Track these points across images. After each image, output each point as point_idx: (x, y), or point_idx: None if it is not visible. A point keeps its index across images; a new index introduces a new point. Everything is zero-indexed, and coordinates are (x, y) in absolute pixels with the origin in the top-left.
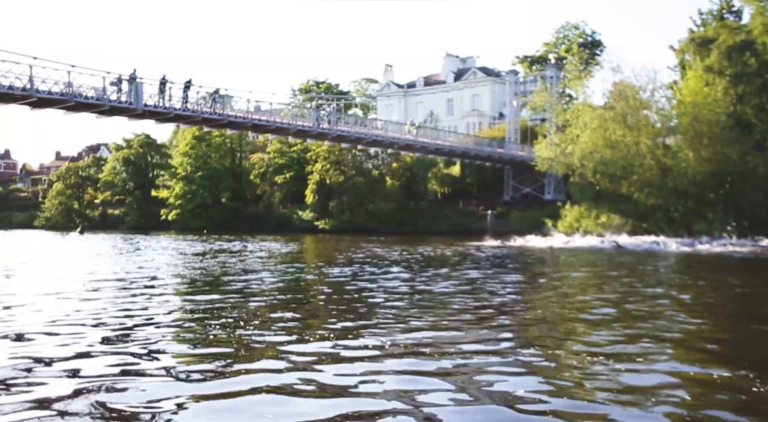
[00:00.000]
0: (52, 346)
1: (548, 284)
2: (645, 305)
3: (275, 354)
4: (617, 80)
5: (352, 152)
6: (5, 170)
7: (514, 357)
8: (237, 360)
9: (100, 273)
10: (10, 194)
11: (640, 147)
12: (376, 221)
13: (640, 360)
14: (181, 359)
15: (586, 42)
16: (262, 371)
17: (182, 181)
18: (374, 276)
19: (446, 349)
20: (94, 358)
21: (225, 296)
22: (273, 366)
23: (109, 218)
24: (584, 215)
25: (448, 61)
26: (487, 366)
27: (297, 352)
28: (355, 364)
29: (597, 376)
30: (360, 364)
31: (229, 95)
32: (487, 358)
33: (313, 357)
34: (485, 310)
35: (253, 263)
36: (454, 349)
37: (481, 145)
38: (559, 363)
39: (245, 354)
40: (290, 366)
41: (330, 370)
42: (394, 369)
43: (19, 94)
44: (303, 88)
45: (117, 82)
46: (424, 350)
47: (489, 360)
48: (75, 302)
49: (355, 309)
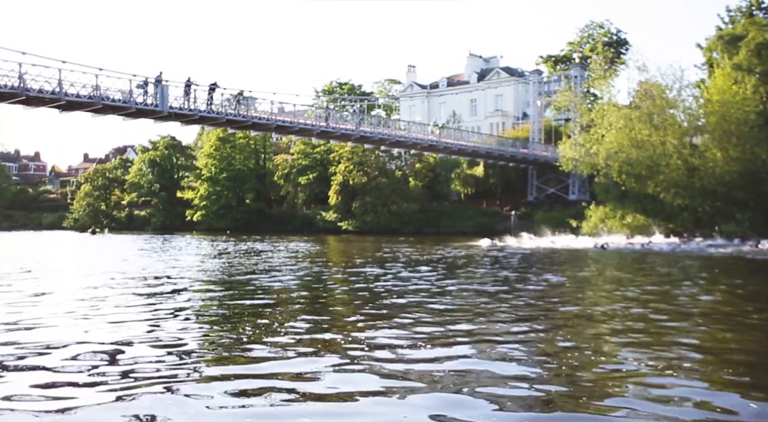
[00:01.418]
0: (86, 344)
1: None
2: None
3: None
4: (643, 79)
5: (375, 152)
6: (35, 172)
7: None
8: (271, 359)
9: (124, 273)
10: (39, 196)
11: (667, 147)
12: (399, 222)
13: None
14: (218, 358)
15: (610, 41)
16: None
17: (207, 182)
18: (404, 276)
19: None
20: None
21: (260, 295)
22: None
23: (135, 219)
24: (609, 215)
25: (471, 61)
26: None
27: (353, 348)
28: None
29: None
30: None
31: (253, 97)
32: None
33: (351, 356)
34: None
35: (284, 263)
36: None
37: (504, 145)
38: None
39: (286, 354)
40: (347, 363)
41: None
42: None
43: (48, 98)
44: (326, 89)
45: (143, 84)
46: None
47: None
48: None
49: (388, 307)
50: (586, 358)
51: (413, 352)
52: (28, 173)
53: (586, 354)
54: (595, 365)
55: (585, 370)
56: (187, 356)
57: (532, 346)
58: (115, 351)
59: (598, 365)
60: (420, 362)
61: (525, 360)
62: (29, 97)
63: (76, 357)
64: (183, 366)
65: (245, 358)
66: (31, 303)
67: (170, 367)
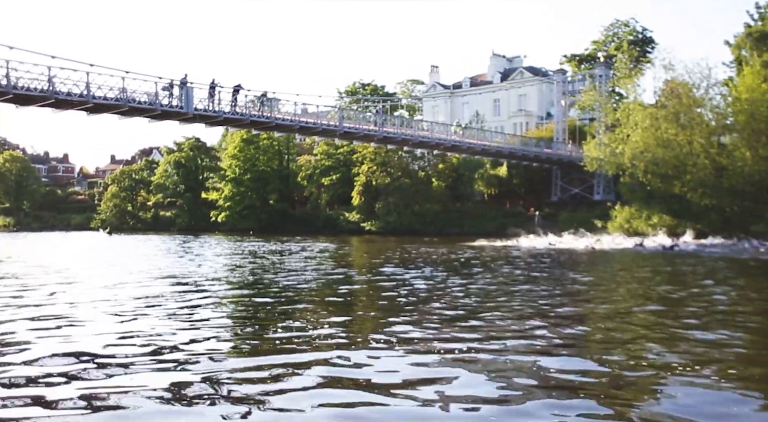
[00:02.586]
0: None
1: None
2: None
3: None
4: (669, 78)
5: (398, 153)
6: (64, 174)
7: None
8: (300, 361)
9: (153, 272)
10: (68, 197)
11: (694, 146)
12: (422, 223)
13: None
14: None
15: (636, 39)
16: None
17: (231, 183)
18: (429, 275)
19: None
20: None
21: (289, 294)
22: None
23: (161, 219)
24: (635, 215)
25: (495, 61)
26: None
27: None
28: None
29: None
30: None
31: (277, 98)
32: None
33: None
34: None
35: (312, 263)
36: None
37: (528, 145)
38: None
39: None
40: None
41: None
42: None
43: (76, 100)
44: (349, 90)
45: (168, 87)
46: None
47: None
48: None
49: (421, 309)
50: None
51: (456, 348)
52: (57, 174)
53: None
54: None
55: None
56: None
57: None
58: (150, 344)
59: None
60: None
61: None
62: (58, 100)
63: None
64: (219, 357)
65: (283, 355)
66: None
67: (208, 359)
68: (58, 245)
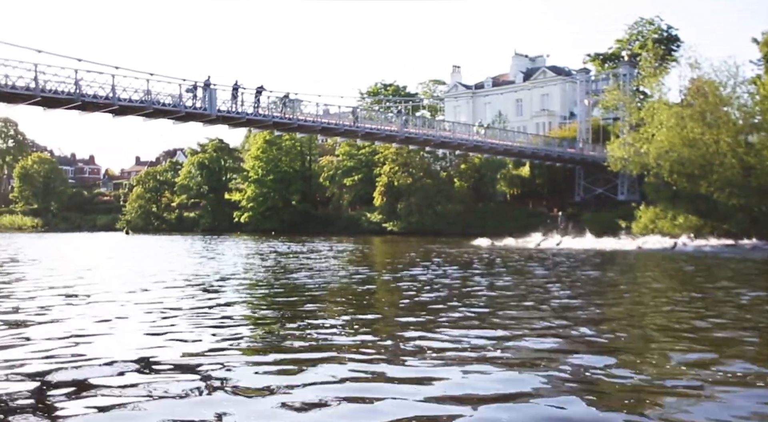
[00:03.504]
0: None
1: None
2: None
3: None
4: (695, 76)
5: (419, 153)
6: (90, 175)
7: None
8: (322, 360)
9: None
10: (94, 198)
11: (721, 145)
12: (444, 223)
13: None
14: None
15: (661, 38)
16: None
17: (254, 184)
18: (455, 276)
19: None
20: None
21: (313, 293)
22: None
23: (185, 220)
24: (660, 216)
25: (517, 60)
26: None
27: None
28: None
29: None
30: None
31: (299, 99)
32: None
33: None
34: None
35: (336, 264)
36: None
37: (551, 145)
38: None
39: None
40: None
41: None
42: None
43: (102, 103)
44: (371, 90)
45: (192, 88)
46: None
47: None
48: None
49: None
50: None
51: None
52: (84, 176)
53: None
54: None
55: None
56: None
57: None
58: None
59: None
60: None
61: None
62: (85, 103)
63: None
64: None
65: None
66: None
67: (232, 358)
68: (80, 246)
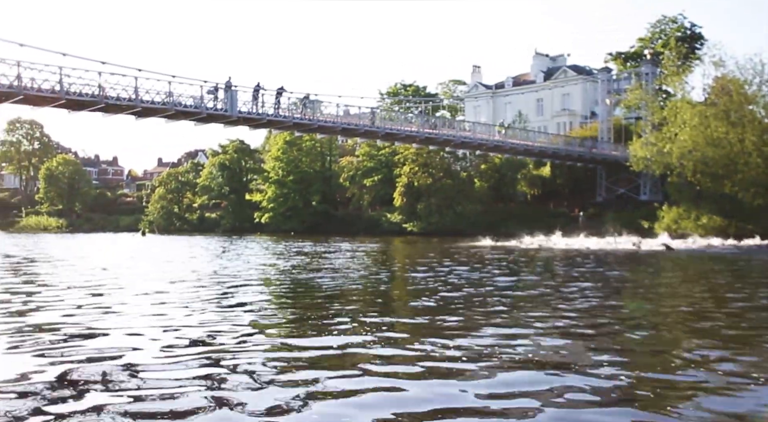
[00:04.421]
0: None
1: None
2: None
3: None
4: (719, 75)
5: (440, 154)
6: (113, 177)
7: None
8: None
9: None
10: (117, 199)
11: (746, 144)
12: (465, 223)
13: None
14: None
15: (684, 36)
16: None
17: (274, 185)
18: (479, 276)
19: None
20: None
21: (336, 293)
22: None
23: (206, 221)
24: (683, 216)
25: (538, 60)
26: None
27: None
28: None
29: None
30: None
31: (319, 100)
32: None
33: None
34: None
35: (358, 264)
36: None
37: (572, 145)
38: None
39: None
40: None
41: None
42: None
43: (125, 105)
44: (391, 91)
45: (213, 90)
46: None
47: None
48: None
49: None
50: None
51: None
52: (107, 177)
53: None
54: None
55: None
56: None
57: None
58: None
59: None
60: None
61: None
62: (108, 105)
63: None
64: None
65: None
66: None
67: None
68: (102, 246)
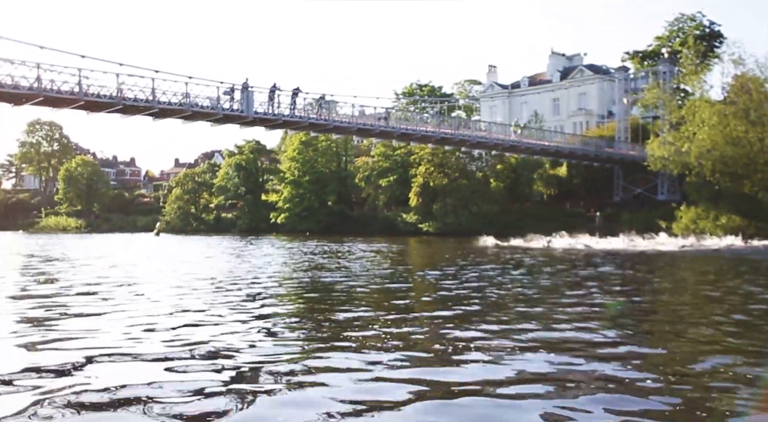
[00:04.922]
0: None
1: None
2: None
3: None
4: (738, 73)
5: (455, 154)
6: (131, 177)
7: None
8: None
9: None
10: (135, 199)
11: (765, 143)
12: (481, 224)
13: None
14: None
15: (703, 34)
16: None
17: (290, 185)
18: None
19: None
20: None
21: (353, 293)
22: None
23: (223, 221)
24: (702, 216)
25: (554, 59)
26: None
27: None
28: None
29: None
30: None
31: (335, 101)
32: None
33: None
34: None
35: (375, 264)
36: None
37: (588, 145)
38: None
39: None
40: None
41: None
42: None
43: (142, 106)
44: (406, 91)
45: (230, 91)
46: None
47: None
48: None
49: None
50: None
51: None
52: (125, 177)
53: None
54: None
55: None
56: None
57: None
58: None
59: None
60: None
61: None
62: (126, 107)
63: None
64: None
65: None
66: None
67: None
68: (121, 246)
